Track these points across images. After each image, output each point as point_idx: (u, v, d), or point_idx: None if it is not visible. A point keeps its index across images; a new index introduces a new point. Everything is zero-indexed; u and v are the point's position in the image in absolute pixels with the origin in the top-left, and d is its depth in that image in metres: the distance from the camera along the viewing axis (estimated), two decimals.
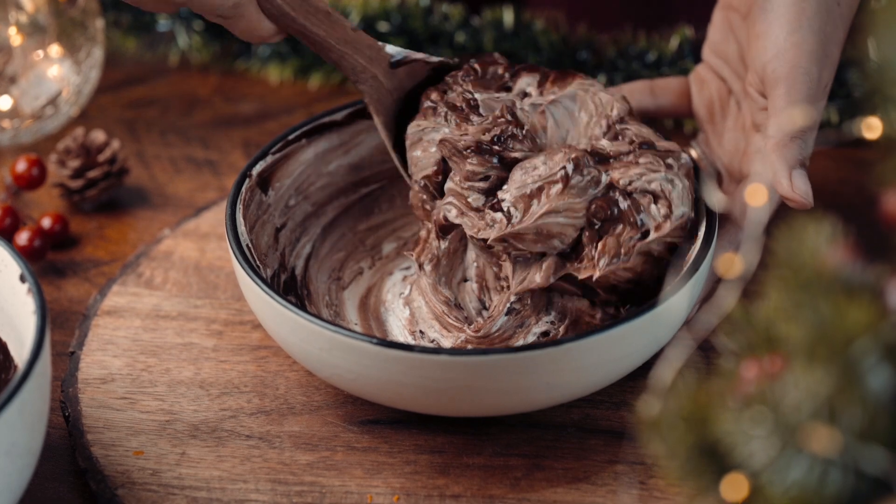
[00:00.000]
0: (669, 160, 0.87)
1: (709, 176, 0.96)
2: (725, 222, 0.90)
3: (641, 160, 0.86)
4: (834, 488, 0.51)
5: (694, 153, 0.99)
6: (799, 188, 0.87)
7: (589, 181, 0.86)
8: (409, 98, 0.94)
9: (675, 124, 1.11)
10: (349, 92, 1.18)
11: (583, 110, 0.90)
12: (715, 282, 0.89)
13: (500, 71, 0.93)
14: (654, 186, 0.86)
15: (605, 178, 0.86)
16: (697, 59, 1.11)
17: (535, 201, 0.86)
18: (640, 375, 0.87)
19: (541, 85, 0.92)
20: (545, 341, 0.79)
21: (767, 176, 0.87)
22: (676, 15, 1.16)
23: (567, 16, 1.18)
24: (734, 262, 0.58)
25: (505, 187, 0.87)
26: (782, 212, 0.92)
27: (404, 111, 0.94)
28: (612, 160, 0.87)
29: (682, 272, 0.84)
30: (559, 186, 0.85)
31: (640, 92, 1.01)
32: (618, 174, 0.86)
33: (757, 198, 0.60)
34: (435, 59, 0.94)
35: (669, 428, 0.55)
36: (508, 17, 1.16)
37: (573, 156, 0.86)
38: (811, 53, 0.89)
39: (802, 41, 0.89)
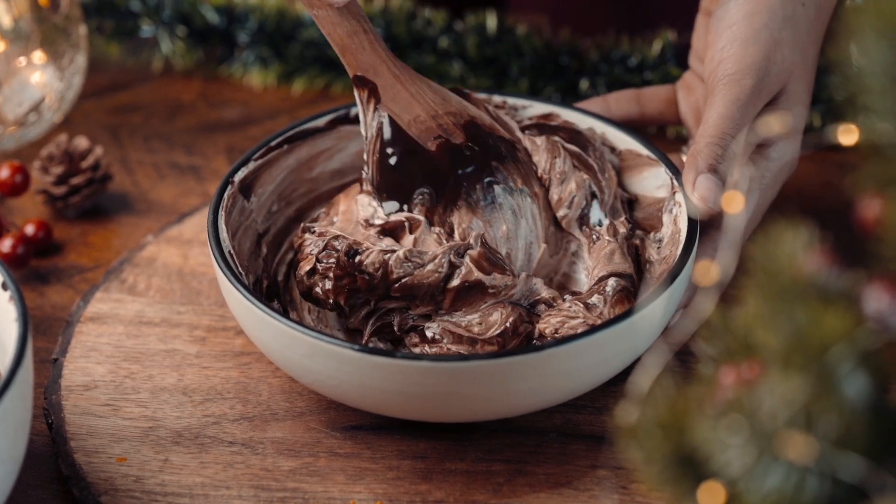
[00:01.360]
0: (593, 299, 0.86)
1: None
2: (708, 228, 0.90)
3: (567, 307, 0.86)
4: (811, 496, 0.51)
5: (685, 160, 1.00)
6: (699, 191, 0.87)
7: (521, 339, 0.87)
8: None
9: (659, 130, 1.11)
10: (332, 97, 1.18)
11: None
12: (695, 288, 0.89)
13: None
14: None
15: (537, 330, 0.87)
16: (679, 63, 1.11)
17: (463, 342, 0.87)
18: (621, 380, 0.87)
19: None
20: (525, 347, 0.80)
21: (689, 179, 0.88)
22: (659, 19, 1.17)
23: (550, 20, 1.18)
24: (711, 270, 0.58)
25: (432, 326, 0.88)
26: (766, 217, 0.93)
27: None
28: (547, 307, 0.87)
29: (662, 278, 0.84)
30: (493, 348, 0.86)
31: (626, 100, 1.01)
32: (546, 325, 0.86)
33: (733, 205, 0.60)
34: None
35: (647, 435, 0.55)
36: (492, 21, 1.16)
37: (510, 321, 0.86)
38: (750, 66, 0.89)
39: (743, 52, 0.89)
